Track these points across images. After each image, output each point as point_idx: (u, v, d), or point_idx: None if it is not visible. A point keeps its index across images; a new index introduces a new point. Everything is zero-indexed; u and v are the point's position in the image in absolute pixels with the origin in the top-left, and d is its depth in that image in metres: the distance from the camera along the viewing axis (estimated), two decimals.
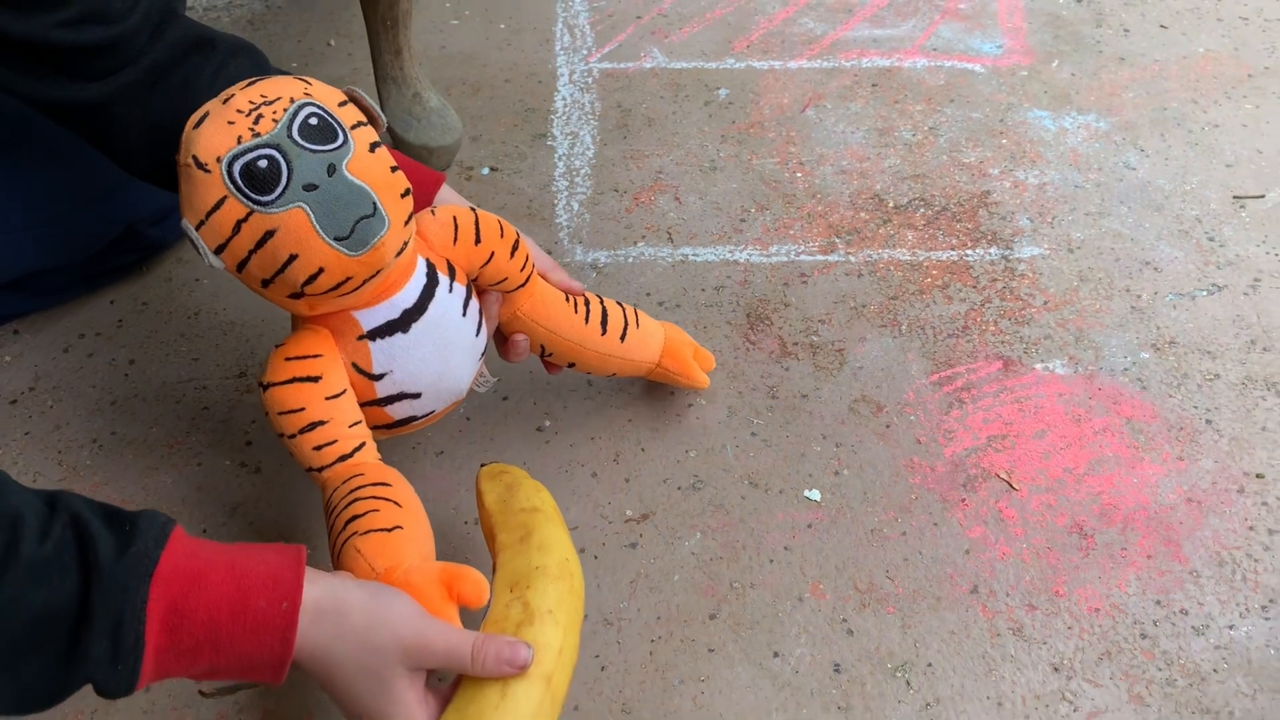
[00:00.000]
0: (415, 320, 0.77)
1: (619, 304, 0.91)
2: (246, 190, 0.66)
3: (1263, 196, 1.15)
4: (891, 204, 1.16)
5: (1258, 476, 0.88)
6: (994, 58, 1.36)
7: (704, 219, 1.15)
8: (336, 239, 0.68)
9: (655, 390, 0.97)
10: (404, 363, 0.78)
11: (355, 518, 0.71)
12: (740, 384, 0.98)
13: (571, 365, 0.90)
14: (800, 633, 0.80)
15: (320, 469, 0.76)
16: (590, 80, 1.36)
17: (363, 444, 0.77)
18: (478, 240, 0.80)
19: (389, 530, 0.71)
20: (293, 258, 0.68)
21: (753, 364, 0.99)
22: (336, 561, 0.71)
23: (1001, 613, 0.80)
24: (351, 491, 0.73)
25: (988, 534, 0.85)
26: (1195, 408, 0.94)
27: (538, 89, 1.34)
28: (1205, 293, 1.05)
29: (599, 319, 0.88)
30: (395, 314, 0.76)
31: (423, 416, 0.82)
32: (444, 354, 0.80)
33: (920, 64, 1.36)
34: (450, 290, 0.79)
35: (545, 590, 0.69)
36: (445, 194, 0.88)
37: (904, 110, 1.28)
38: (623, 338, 0.89)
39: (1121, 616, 0.80)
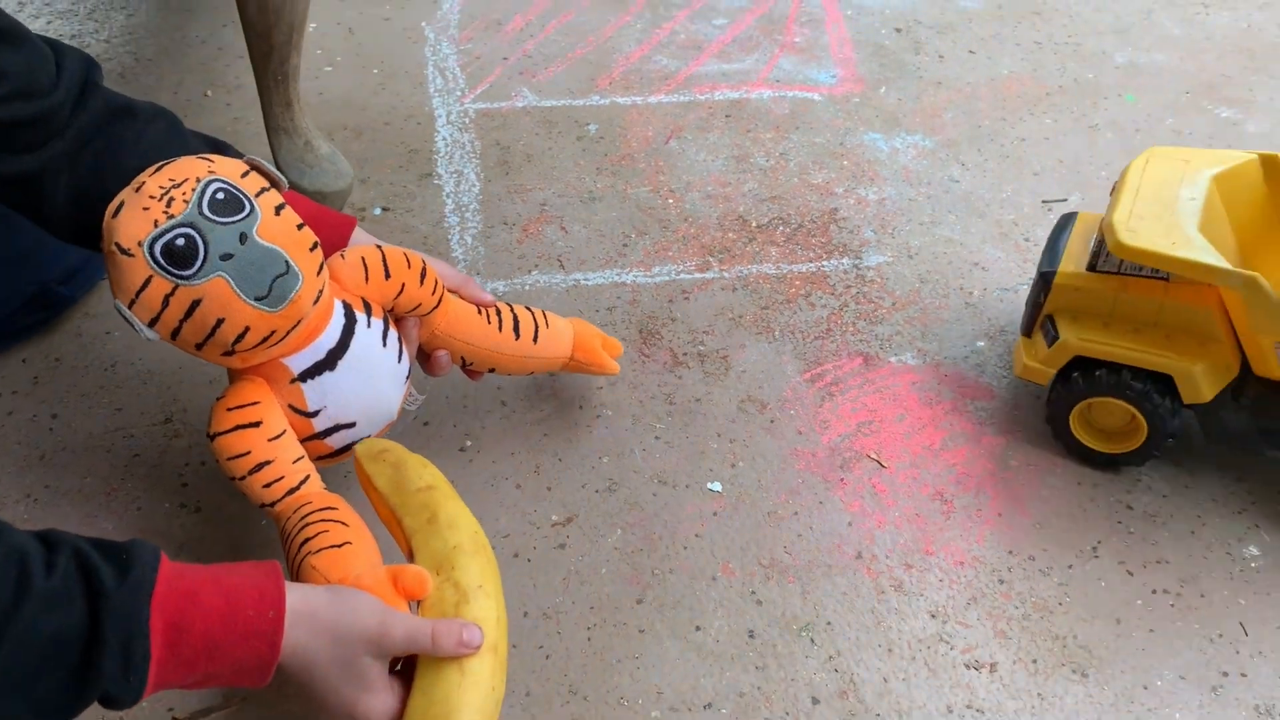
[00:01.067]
0: (340, 358, 0.85)
1: (528, 308, 1.00)
2: (169, 268, 0.73)
3: (1066, 200, 1.34)
4: (754, 224, 1.30)
5: None
6: (830, 86, 1.52)
7: (590, 245, 1.26)
8: (257, 299, 0.76)
9: (567, 405, 1.07)
10: (335, 397, 0.86)
11: (308, 540, 0.79)
12: (640, 393, 1.09)
13: (492, 370, 0.99)
14: (716, 607, 0.91)
15: (272, 504, 0.83)
16: (467, 120, 1.45)
17: (307, 476, 0.84)
18: (387, 275, 0.88)
19: (339, 546, 0.78)
20: (220, 321, 0.75)
21: (649, 375, 1.11)
22: (295, 580, 0.78)
23: (884, 573, 0.94)
24: (303, 518, 0.81)
25: (865, 507, 0.99)
26: (1026, 386, 1.11)
27: (417, 130, 1.42)
28: (1024, 286, 1.22)
29: (511, 325, 0.97)
30: (321, 355, 0.84)
31: (352, 441, 0.90)
32: (371, 384, 0.88)
33: (766, 95, 1.51)
34: (369, 325, 0.87)
35: (469, 567, 0.76)
36: (359, 235, 0.96)
37: (756, 138, 1.43)
38: (535, 339, 0.98)
39: (982, 566, 0.94)
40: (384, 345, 0.88)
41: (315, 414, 0.86)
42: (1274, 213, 1.01)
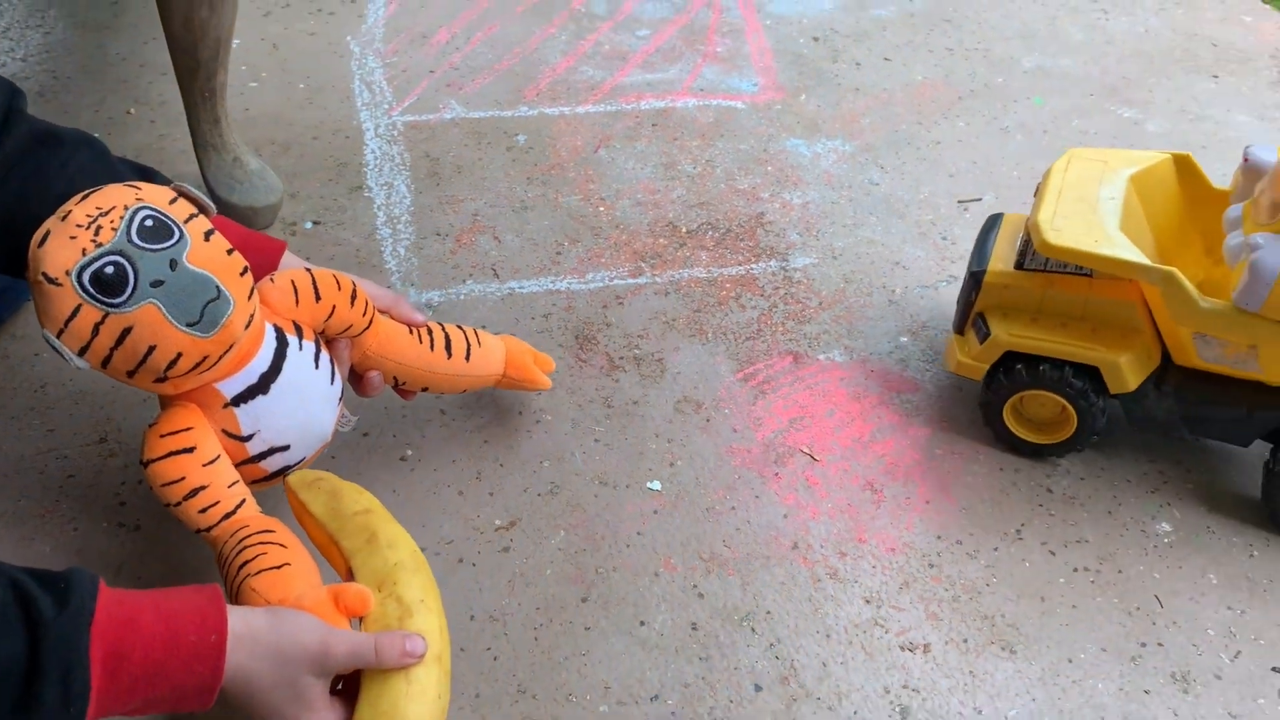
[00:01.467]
0: (273, 381, 0.85)
1: (459, 327, 1.01)
2: (98, 296, 0.73)
3: (980, 199, 1.39)
4: (684, 229, 1.33)
5: None
6: (752, 95, 1.56)
7: (523, 254, 1.28)
8: (189, 325, 0.76)
9: (506, 412, 1.09)
10: (269, 421, 0.86)
11: (246, 563, 0.79)
12: (579, 398, 1.11)
13: (425, 389, 1.00)
14: (660, 602, 0.93)
15: (208, 529, 0.83)
16: (395, 133, 1.46)
17: (243, 500, 0.84)
18: (317, 298, 0.89)
19: (278, 568, 0.79)
20: (152, 348, 0.75)
21: (587, 379, 1.13)
22: (235, 602, 0.78)
23: (819, 562, 0.97)
24: (240, 541, 0.81)
25: (800, 499, 1.02)
26: (948, 378, 1.15)
27: (346, 144, 1.43)
28: (944, 283, 1.27)
29: (443, 345, 0.98)
30: (254, 379, 0.84)
31: (295, 464, 0.90)
32: (305, 406, 0.88)
33: (691, 104, 1.54)
34: (300, 348, 0.87)
35: (411, 583, 0.78)
36: (288, 258, 0.96)
37: (683, 146, 1.46)
38: (467, 357, 0.99)
39: (913, 552, 0.98)
40: (316, 367, 0.89)
41: (249, 438, 0.86)
42: (1186, 209, 1.06)
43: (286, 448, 0.88)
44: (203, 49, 1.14)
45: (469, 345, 1.00)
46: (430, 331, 0.98)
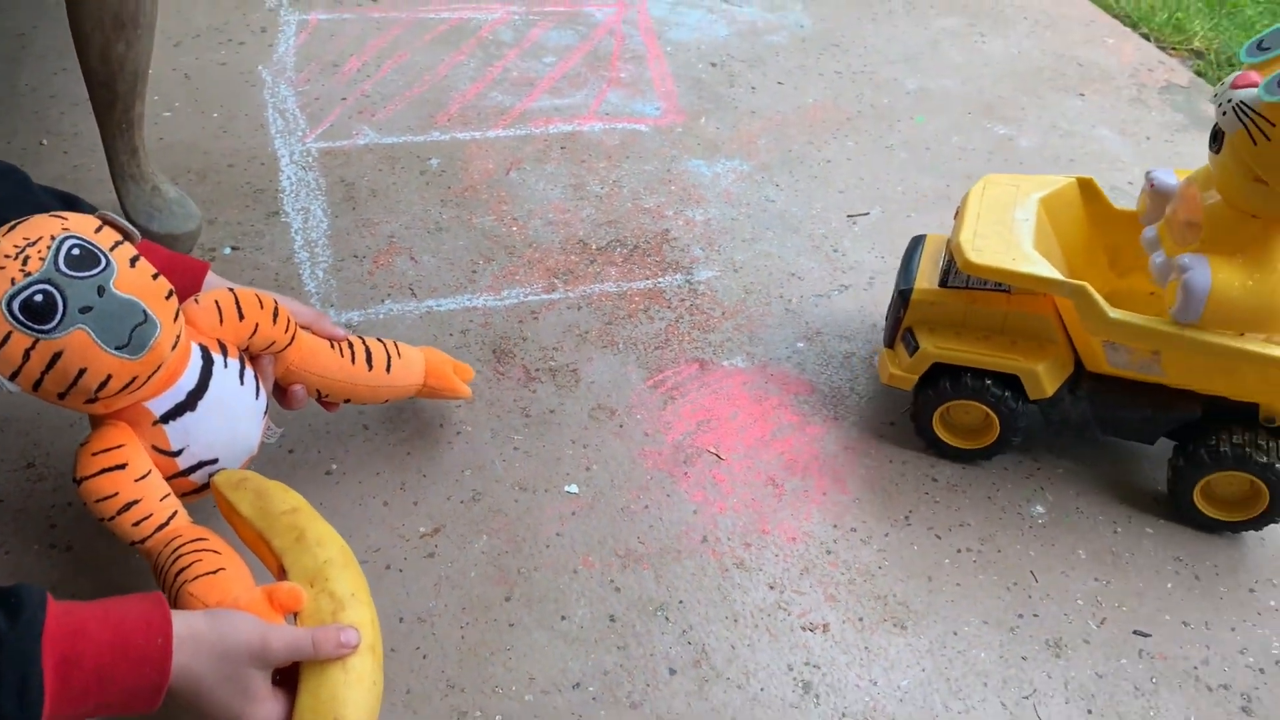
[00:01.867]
0: (200, 398, 0.89)
1: (379, 340, 1.06)
2: (28, 323, 0.76)
3: (868, 214, 1.49)
4: (594, 247, 1.40)
5: (890, 424, 1.19)
6: (655, 118, 1.64)
7: (440, 274, 1.33)
8: (117, 348, 0.80)
9: (427, 425, 1.14)
10: (197, 436, 0.90)
11: (182, 570, 0.83)
12: (498, 409, 1.17)
13: (348, 401, 1.05)
14: (579, 597, 1.00)
15: (142, 541, 0.87)
16: (310, 159, 1.50)
17: (175, 512, 0.88)
18: (241, 316, 0.93)
19: (214, 573, 0.83)
20: (82, 371, 0.79)
21: (505, 391, 1.19)
22: (174, 608, 0.81)
23: (726, 553, 1.04)
24: (175, 550, 0.85)
25: (707, 496, 1.10)
26: (840, 379, 1.24)
27: (262, 171, 1.47)
28: (837, 292, 1.36)
29: (364, 358, 1.03)
30: (181, 396, 0.88)
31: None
32: (231, 421, 0.92)
33: (597, 127, 1.61)
34: (225, 366, 0.92)
35: (341, 578, 0.83)
36: (212, 279, 1.00)
37: (590, 168, 1.53)
38: (388, 369, 1.04)
39: (812, 541, 1.06)
40: (241, 383, 0.93)
41: (179, 453, 0.90)
42: (1091, 227, 1.16)
43: (214, 461, 0.92)
44: (120, 82, 1.17)
45: (389, 357, 1.05)
46: (351, 345, 1.03)
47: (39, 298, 0.76)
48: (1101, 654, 0.97)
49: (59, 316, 0.77)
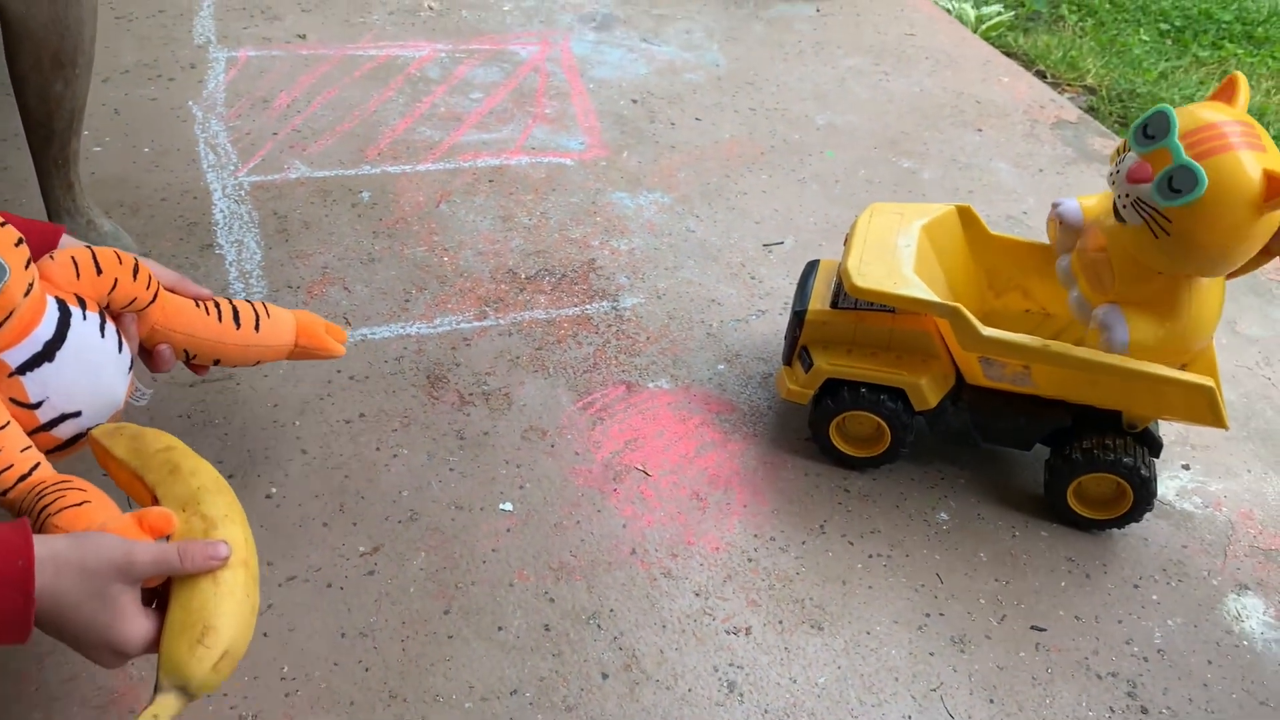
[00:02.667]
0: (58, 349, 0.88)
1: (248, 300, 1.06)
2: None
3: (782, 243, 1.57)
4: (524, 275, 1.45)
5: (805, 440, 1.26)
6: (579, 153, 1.71)
7: (374, 303, 1.38)
8: None
9: (364, 448, 1.18)
10: (57, 387, 0.88)
11: (46, 506, 0.81)
12: (433, 432, 1.21)
13: (217, 362, 1.04)
14: (515, 609, 1.04)
15: (3, 493, 0.84)
16: (243, 193, 1.53)
17: (38, 464, 0.85)
18: (99, 271, 0.92)
19: (78, 505, 0.81)
20: None
21: (440, 415, 1.24)
22: None
23: (654, 563, 1.10)
24: (37, 492, 0.83)
25: (636, 510, 1.16)
26: (759, 398, 1.31)
27: (195, 205, 1.49)
28: (754, 317, 1.44)
29: (231, 316, 1.03)
30: (38, 347, 0.87)
31: (87, 431, 0.93)
32: (93, 374, 0.91)
33: (524, 161, 1.67)
34: (84, 319, 0.91)
35: (214, 502, 0.83)
36: (66, 240, 0.99)
37: (518, 200, 1.59)
38: (256, 328, 1.04)
39: (734, 550, 1.13)
40: (102, 336, 0.92)
41: (38, 405, 0.88)
42: (970, 251, 1.25)
43: (78, 414, 0.90)
44: (57, 120, 1.19)
45: (257, 316, 1.04)
46: (218, 304, 1.03)
47: None
48: (1002, 648, 1.05)
49: None
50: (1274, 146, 0.96)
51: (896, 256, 1.14)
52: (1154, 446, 1.14)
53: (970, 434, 1.19)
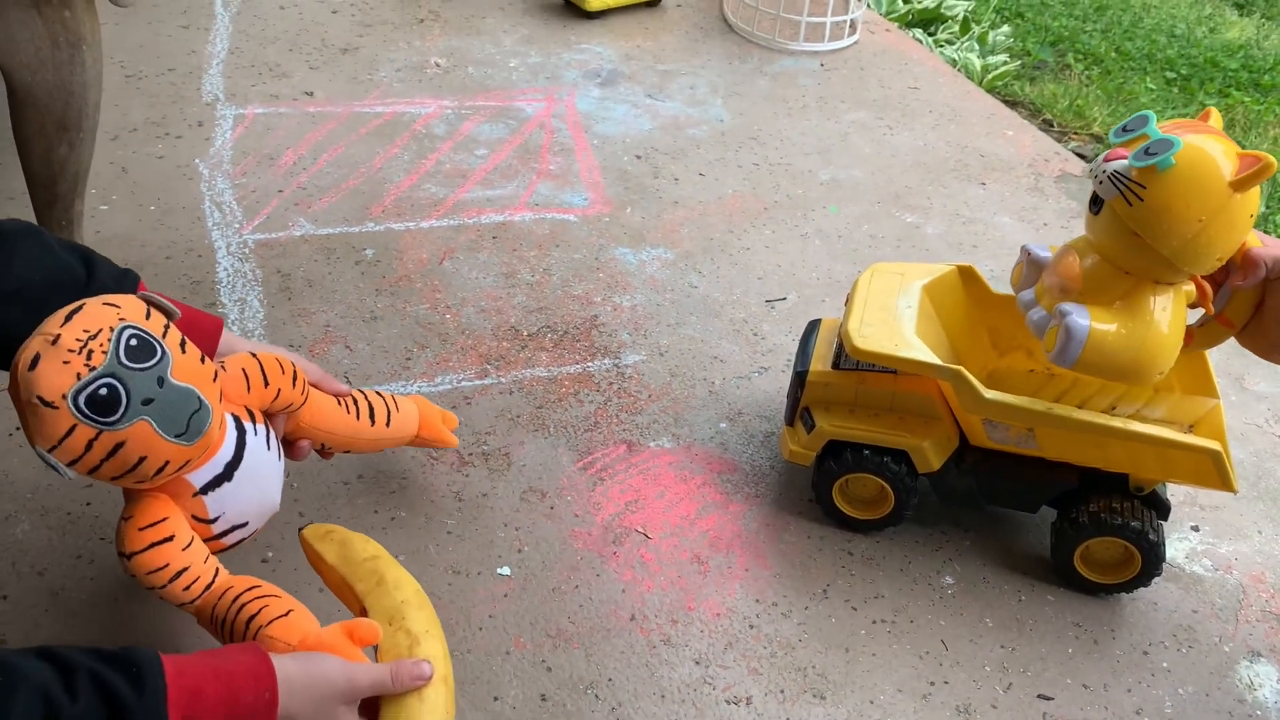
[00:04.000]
0: (236, 469, 0.93)
1: (378, 393, 1.11)
2: (93, 416, 0.78)
3: (785, 299, 1.57)
4: (526, 333, 1.45)
5: (809, 501, 1.25)
6: (583, 208, 1.72)
7: (375, 361, 1.37)
8: (176, 436, 0.82)
9: (361, 511, 1.17)
10: (232, 504, 0.94)
11: (253, 616, 0.87)
12: (431, 494, 1.20)
13: (346, 451, 1.10)
14: (511, 678, 1.03)
15: (192, 602, 0.91)
16: (247, 250, 1.54)
17: (217, 570, 0.93)
18: (266, 383, 0.97)
19: (285, 614, 0.88)
20: (141, 459, 0.82)
21: (438, 476, 1.23)
22: None
23: (654, 630, 1.09)
24: (234, 602, 0.89)
25: (635, 575, 1.14)
26: (761, 458, 1.30)
27: (199, 263, 1.50)
28: (757, 374, 1.43)
29: (368, 413, 1.08)
30: (220, 469, 0.92)
31: (249, 536, 0.99)
32: (261, 486, 0.96)
33: (528, 217, 1.68)
34: (255, 433, 0.95)
35: (417, 617, 0.90)
36: (227, 338, 1.03)
37: (521, 256, 1.59)
38: (389, 423, 1.09)
39: (735, 616, 1.11)
40: (268, 449, 0.97)
41: (215, 520, 0.93)
42: (973, 310, 1.24)
43: (245, 524, 0.97)
44: (61, 183, 1.20)
45: (389, 411, 1.10)
46: (356, 401, 1.08)
47: (104, 391, 0.78)
48: (1009, 717, 1.03)
49: (123, 409, 0.79)
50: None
51: (898, 318, 1.13)
52: (1162, 509, 1.12)
53: (975, 496, 1.18)
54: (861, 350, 1.10)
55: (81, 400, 0.77)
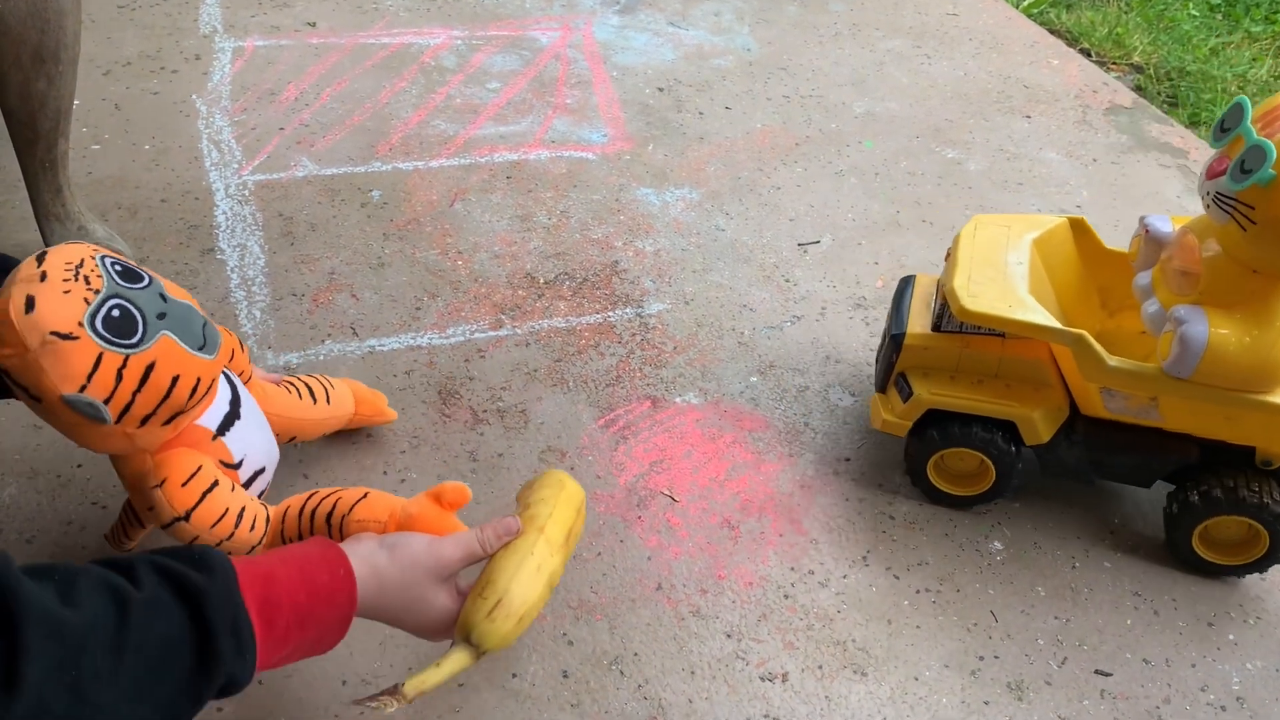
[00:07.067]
0: (240, 405, 0.90)
1: (308, 375, 1.07)
2: (115, 339, 0.73)
3: (819, 242, 1.47)
4: (542, 280, 1.37)
5: (845, 460, 1.17)
6: (602, 145, 1.62)
7: (382, 311, 1.29)
8: (199, 349, 0.78)
9: (369, 471, 1.10)
10: (249, 444, 0.91)
11: (330, 513, 0.87)
12: (444, 453, 1.13)
13: (292, 439, 1.04)
14: (530, 653, 0.96)
15: (260, 541, 0.88)
16: (247, 193, 1.45)
17: (263, 505, 0.90)
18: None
19: (364, 497, 0.88)
20: (175, 379, 0.77)
21: (452, 434, 1.15)
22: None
23: (682, 600, 1.02)
24: (302, 513, 0.89)
25: (662, 541, 1.07)
26: (795, 414, 1.22)
27: (196, 206, 1.42)
28: (789, 323, 1.34)
29: (309, 394, 1.03)
30: (226, 407, 0.88)
31: (267, 486, 0.96)
32: (263, 431, 0.93)
33: (544, 155, 1.58)
34: (237, 381, 0.93)
35: (536, 486, 0.89)
36: None
37: (537, 198, 1.50)
38: (328, 400, 1.05)
39: (769, 585, 1.04)
40: (249, 395, 0.94)
41: (239, 464, 0.89)
42: (1083, 267, 1.14)
43: (263, 470, 0.93)
44: (42, 120, 1.12)
45: (326, 390, 1.05)
46: (293, 385, 1.03)
47: (116, 312, 0.74)
48: (1064, 695, 0.96)
49: (141, 327, 0.75)
50: None
51: (1009, 276, 1.03)
52: None
53: (1084, 471, 1.08)
54: (971, 312, 1.00)
55: (99, 323, 0.73)
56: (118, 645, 0.61)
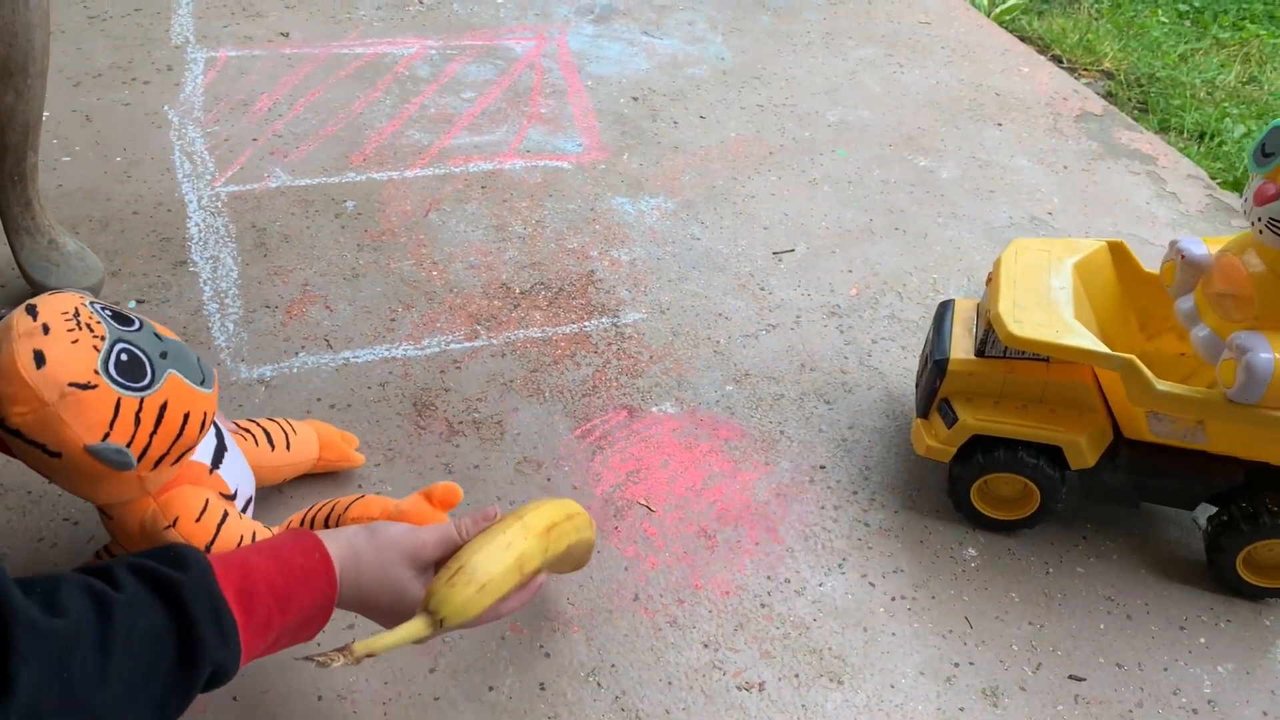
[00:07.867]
0: (223, 438, 0.90)
1: (270, 420, 1.04)
2: (129, 384, 0.74)
3: (793, 250, 1.48)
4: (518, 290, 1.36)
5: (821, 468, 1.17)
6: (577, 155, 1.62)
7: (357, 323, 1.29)
8: (200, 384, 0.79)
9: (344, 487, 1.09)
10: (238, 476, 0.92)
11: (327, 516, 0.92)
12: (419, 466, 1.13)
13: None
14: (507, 666, 0.96)
15: None
16: (220, 204, 1.44)
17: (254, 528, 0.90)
18: None
19: (359, 498, 0.93)
20: (186, 416, 0.78)
21: (426, 446, 1.15)
22: None
23: (659, 611, 1.02)
24: (303, 523, 0.95)
25: (639, 551, 1.07)
26: (771, 423, 1.22)
27: (169, 218, 1.41)
28: (764, 332, 1.35)
29: (265, 439, 1.02)
30: (214, 440, 0.89)
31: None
32: (242, 460, 0.94)
33: (519, 165, 1.58)
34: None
35: (532, 501, 0.88)
36: None
37: (512, 207, 1.50)
38: (288, 446, 1.03)
39: (745, 594, 1.04)
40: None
41: (234, 495, 0.90)
42: (1121, 290, 1.14)
43: (250, 498, 0.94)
44: (10, 134, 1.11)
45: (286, 435, 1.04)
46: (249, 431, 1.01)
47: (125, 356, 0.74)
48: (1038, 701, 0.97)
49: (149, 369, 0.75)
50: None
51: (1053, 301, 1.02)
52: None
53: (1127, 494, 1.08)
54: (1018, 338, 0.99)
55: (112, 369, 0.74)
56: (103, 644, 0.62)
